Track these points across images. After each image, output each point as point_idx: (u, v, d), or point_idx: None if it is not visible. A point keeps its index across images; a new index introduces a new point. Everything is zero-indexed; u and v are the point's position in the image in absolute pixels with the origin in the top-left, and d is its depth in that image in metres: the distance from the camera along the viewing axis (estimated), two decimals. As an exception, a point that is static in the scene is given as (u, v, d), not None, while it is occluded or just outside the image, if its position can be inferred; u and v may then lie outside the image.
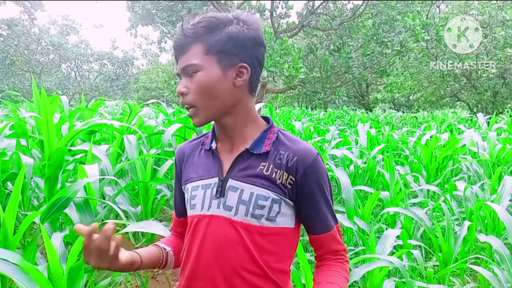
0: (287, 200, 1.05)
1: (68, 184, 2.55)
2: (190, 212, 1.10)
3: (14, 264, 1.64)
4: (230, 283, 1.02)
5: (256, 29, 1.05)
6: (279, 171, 1.04)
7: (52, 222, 2.49)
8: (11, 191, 2.32)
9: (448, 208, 3.17)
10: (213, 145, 1.10)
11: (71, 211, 2.34)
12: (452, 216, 3.46)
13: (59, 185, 2.72)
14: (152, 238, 3.12)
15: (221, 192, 1.05)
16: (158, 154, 3.49)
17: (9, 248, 1.87)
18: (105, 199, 2.81)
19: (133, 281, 3.04)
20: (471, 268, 2.96)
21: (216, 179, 1.06)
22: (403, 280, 2.25)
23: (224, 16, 1.04)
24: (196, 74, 1.01)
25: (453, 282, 2.96)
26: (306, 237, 1.17)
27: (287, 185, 1.04)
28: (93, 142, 2.87)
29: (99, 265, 0.92)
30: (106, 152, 3.02)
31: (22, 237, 2.36)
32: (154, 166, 3.36)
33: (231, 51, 1.02)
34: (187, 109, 1.04)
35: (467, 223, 2.90)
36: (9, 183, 2.71)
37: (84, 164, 2.54)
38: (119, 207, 2.55)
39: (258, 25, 1.06)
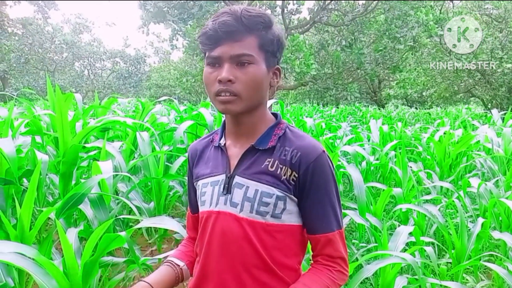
0: (292, 196, 1.04)
1: (82, 181, 2.58)
2: (200, 209, 1.12)
3: (31, 258, 1.67)
4: (238, 278, 1.04)
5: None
6: (284, 167, 1.03)
7: (67, 218, 2.52)
8: (26, 188, 2.35)
9: (461, 205, 3.14)
10: (222, 141, 1.12)
11: (86, 207, 2.37)
12: (466, 213, 3.42)
13: (73, 182, 2.76)
14: (165, 234, 3.15)
15: (227, 189, 1.06)
16: (171, 151, 3.51)
17: (25, 243, 1.91)
18: (118, 195, 2.84)
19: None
20: (485, 266, 2.93)
21: (223, 176, 1.08)
22: (416, 277, 2.24)
23: (271, 16, 1.05)
24: (249, 66, 1.00)
25: (467, 279, 2.93)
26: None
27: (291, 181, 1.03)
28: (106, 139, 2.90)
29: None
30: (119, 149, 3.06)
31: (37, 232, 2.40)
32: (166, 163, 3.39)
33: (275, 53, 1.05)
34: (226, 95, 1.00)
35: (481, 220, 2.87)
36: (24, 180, 2.75)
37: (98, 160, 2.57)
38: (132, 203, 2.57)
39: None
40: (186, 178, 1.29)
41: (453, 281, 2.69)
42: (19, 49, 24.89)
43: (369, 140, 5.98)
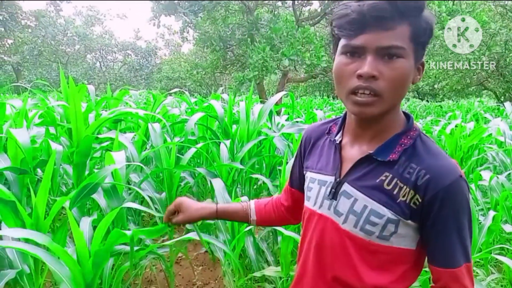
0: (408, 222, 0.89)
1: (96, 171, 2.62)
2: (305, 202, 1.06)
3: (44, 246, 1.71)
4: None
5: None
6: (405, 187, 0.87)
7: (81, 207, 2.57)
8: (41, 177, 2.40)
9: (472, 198, 3.12)
10: (338, 138, 1.00)
11: (99, 197, 2.41)
12: (477, 206, 3.41)
13: (87, 172, 2.80)
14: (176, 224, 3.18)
15: (334, 194, 0.96)
16: (182, 142, 3.54)
17: (40, 232, 1.95)
18: (130, 185, 2.88)
19: (158, 266, 3.12)
20: (496, 259, 2.92)
21: (332, 179, 0.97)
22: (426, 269, 2.24)
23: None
24: (398, 60, 0.83)
25: (477, 272, 2.92)
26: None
27: (412, 205, 0.87)
28: (118, 131, 2.94)
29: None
30: (131, 140, 3.09)
31: (52, 222, 2.44)
32: (177, 154, 3.42)
33: (425, 46, 0.87)
34: (366, 95, 0.84)
35: (492, 213, 2.85)
36: (39, 170, 2.80)
37: (111, 151, 2.61)
38: (144, 193, 2.61)
39: None
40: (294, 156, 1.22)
41: (463, 273, 2.68)
42: (32, 42, 25.14)
43: (379, 133, 5.94)
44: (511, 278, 2.78)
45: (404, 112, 0.96)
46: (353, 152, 0.96)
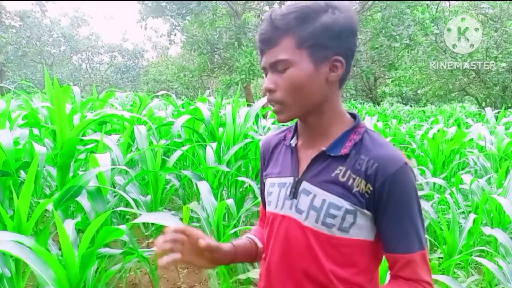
0: (364, 211, 0.94)
1: (80, 173, 2.61)
2: (267, 208, 1.09)
3: (29, 248, 1.69)
4: (300, 286, 0.99)
5: (351, 17, 0.94)
6: (357, 178, 0.94)
7: (64, 210, 2.55)
8: (24, 180, 2.38)
9: (453, 201, 3.18)
10: (293, 142, 1.06)
11: (83, 199, 2.39)
12: (458, 209, 3.47)
13: (71, 174, 2.78)
14: (161, 227, 3.18)
15: (294, 193, 1.01)
16: (168, 145, 3.54)
17: (22, 234, 1.93)
18: (115, 188, 2.86)
19: (143, 269, 3.11)
20: (476, 261, 2.98)
21: (291, 179, 1.02)
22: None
23: (317, 4, 0.93)
24: (288, 70, 0.93)
25: (458, 274, 2.98)
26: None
27: (365, 194, 0.94)
28: (103, 133, 2.93)
29: (188, 261, 0.99)
30: (117, 142, 3.08)
31: (34, 224, 2.42)
32: (163, 157, 3.41)
33: (325, 44, 0.93)
34: (273, 105, 0.98)
35: (472, 216, 2.91)
36: (22, 172, 2.78)
37: (96, 153, 2.59)
38: (129, 196, 2.60)
39: (352, 11, 0.95)
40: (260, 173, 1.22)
41: (444, 275, 2.73)
42: (17, 42, 24.75)
43: (364, 137, 6.00)
44: (491, 280, 2.84)
45: (350, 113, 1.04)
46: (307, 153, 1.02)
